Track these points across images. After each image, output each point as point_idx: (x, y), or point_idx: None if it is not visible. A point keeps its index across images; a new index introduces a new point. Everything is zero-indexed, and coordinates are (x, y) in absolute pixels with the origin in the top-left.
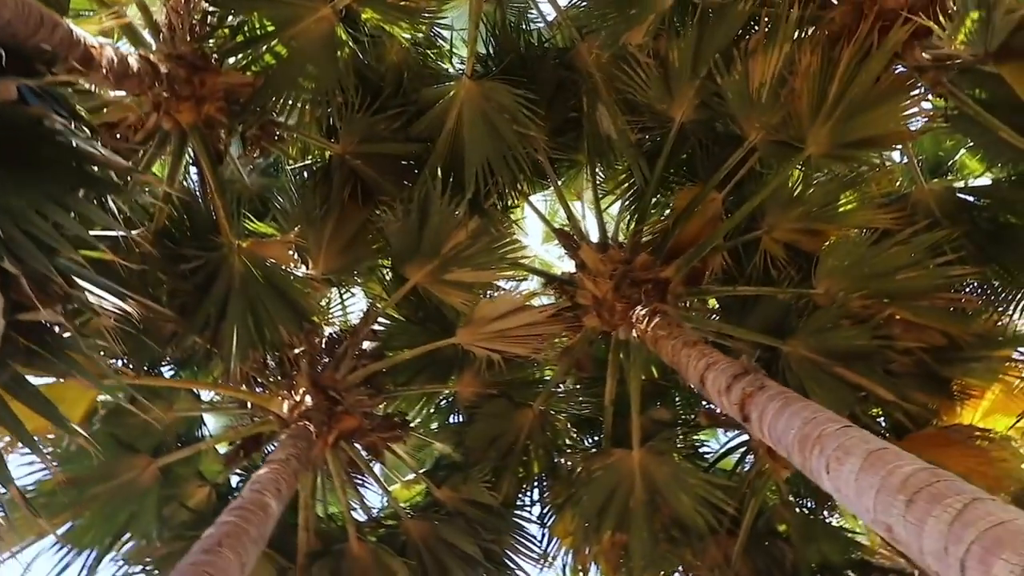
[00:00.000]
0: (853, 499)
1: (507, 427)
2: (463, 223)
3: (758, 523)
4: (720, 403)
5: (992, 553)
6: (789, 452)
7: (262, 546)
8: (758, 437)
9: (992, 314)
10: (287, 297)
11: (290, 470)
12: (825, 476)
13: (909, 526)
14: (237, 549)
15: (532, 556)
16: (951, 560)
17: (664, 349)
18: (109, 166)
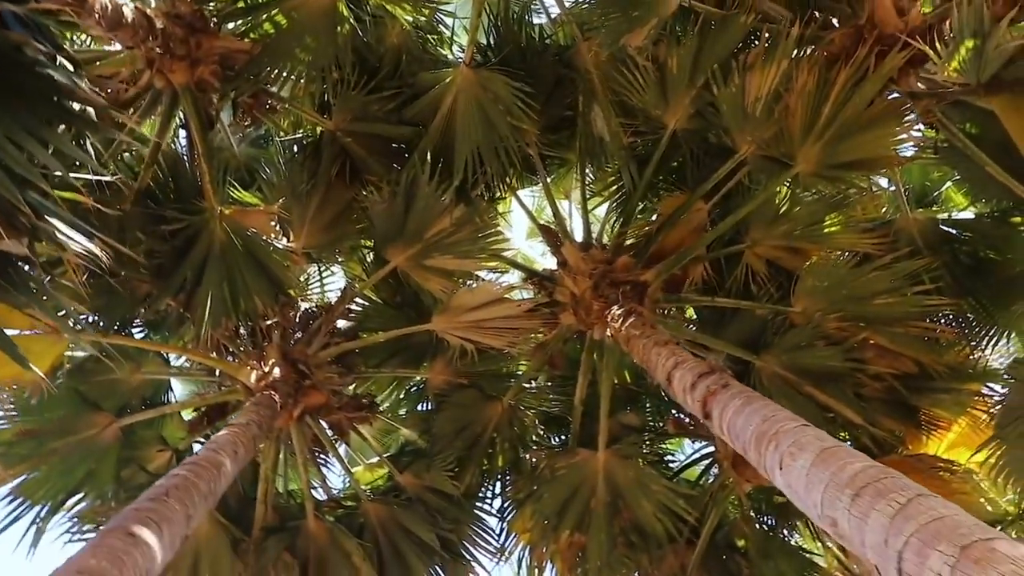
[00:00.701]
0: (803, 495)
1: (475, 418)
2: (448, 210)
3: (717, 536)
4: (685, 401)
5: (929, 545)
6: (746, 449)
7: (212, 503)
8: (718, 434)
9: (965, 347)
10: (265, 268)
11: (249, 435)
12: (778, 472)
13: (853, 520)
14: (184, 500)
15: (489, 549)
16: (890, 552)
17: (635, 348)
18: (89, 103)
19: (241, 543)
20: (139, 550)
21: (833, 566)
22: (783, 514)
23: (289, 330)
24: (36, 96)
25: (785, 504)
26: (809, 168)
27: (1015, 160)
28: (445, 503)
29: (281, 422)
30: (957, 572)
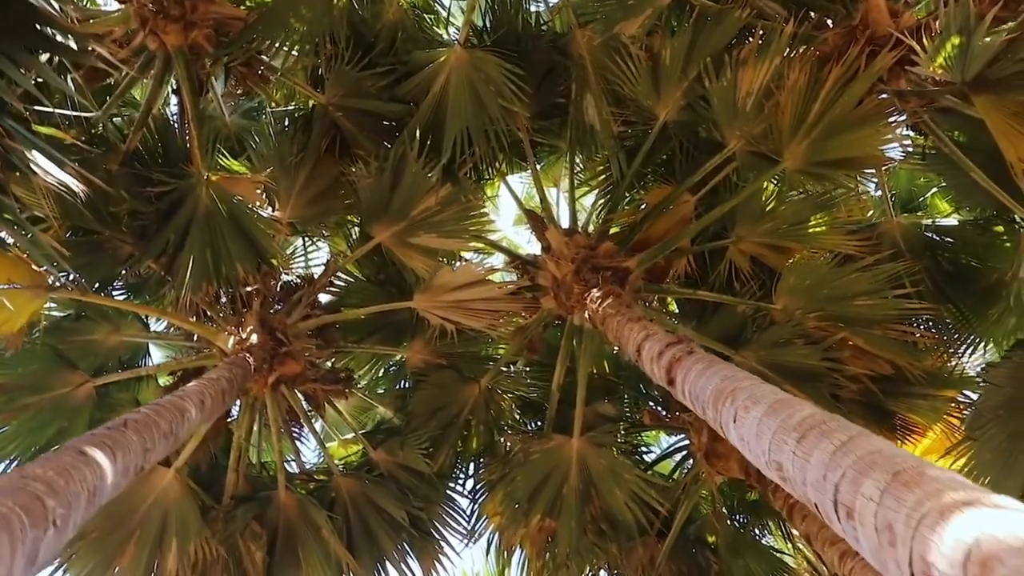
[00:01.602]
0: (753, 444)
1: (452, 399)
2: (435, 188)
3: (688, 530)
4: (652, 371)
5: (863, 474)
6: (704, 409)
7: (172, 444)
8: (681, 399)
9: (942, 354)
10: (249, 235)
11: (218, 389)
12: (732, 427)
13: (797, 460)
14: (143, 433)
15: (459, 530)
16: (828, 486)
17: (610, 327)
18: (70, 32)
19: (211, 510)
20: (89, 468)
21: (803, 567)
22: (755, 512)
23: (269, 299)
24: (15, 22)
25: (757, 503)
26: (796, 165)
27: (1001, 169)
28: (417, 481)
29: (256, 388)
30: (887, 494)
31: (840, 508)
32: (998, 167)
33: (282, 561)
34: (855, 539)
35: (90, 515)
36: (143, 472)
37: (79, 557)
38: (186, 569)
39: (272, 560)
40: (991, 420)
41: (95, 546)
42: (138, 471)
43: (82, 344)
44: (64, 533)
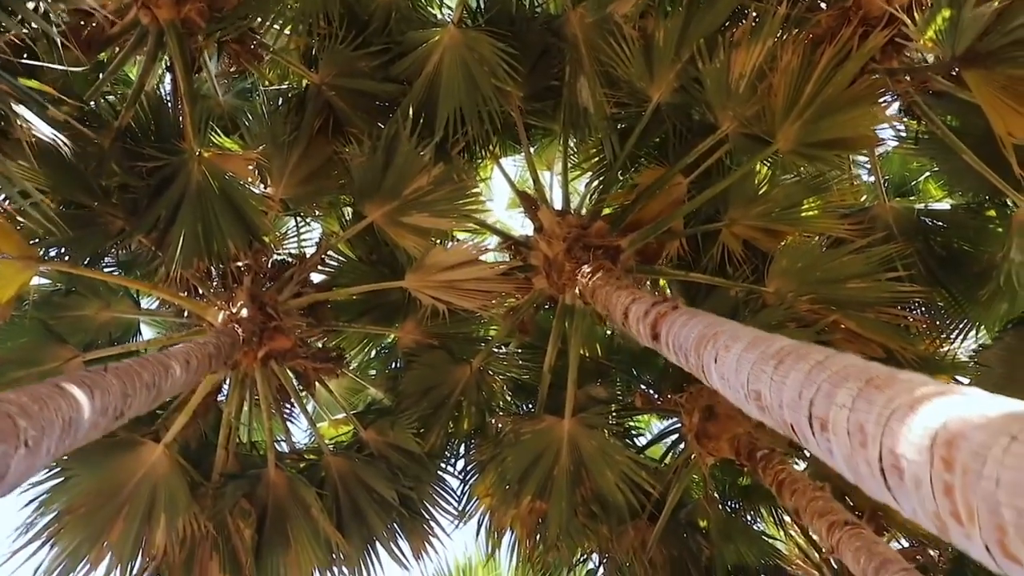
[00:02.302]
0: (733, 379)
1: (443, 379)
2: (427, 168)
3: (679, 515)
4: (638, 332)
5: (837, 386)
6: (687, 356)
7: (154, 398)
8: (665, 354)
9: (935, 339)
10: (240, 212)
11: (204, 352)
12: (713, 368)
13: (774, 385)
14: (123, 379)
15: (449, 510)
16: (803, 403)
17: (599, 297)
18: None
19: (200, 487)
20: (65, 400)
21: (794, 554)
22: (746, 497)
23: (260, 275)
24: None
25: (748, 487)
26: (788, 146)
27: (993, 153)
28: (407, 461)
29: (246, 363)
30: (859, 399)
31: (815, 423)
32: (990, 151)
33: (271, 539)
34: (829, 452)
35: (66, 448)
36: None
37: (67, 531)
38: (174, 544)
39: (261, 538)
40: None
41: (84, 521)
42: (117, 415)
43: (72, 320)
44: (36, 456)
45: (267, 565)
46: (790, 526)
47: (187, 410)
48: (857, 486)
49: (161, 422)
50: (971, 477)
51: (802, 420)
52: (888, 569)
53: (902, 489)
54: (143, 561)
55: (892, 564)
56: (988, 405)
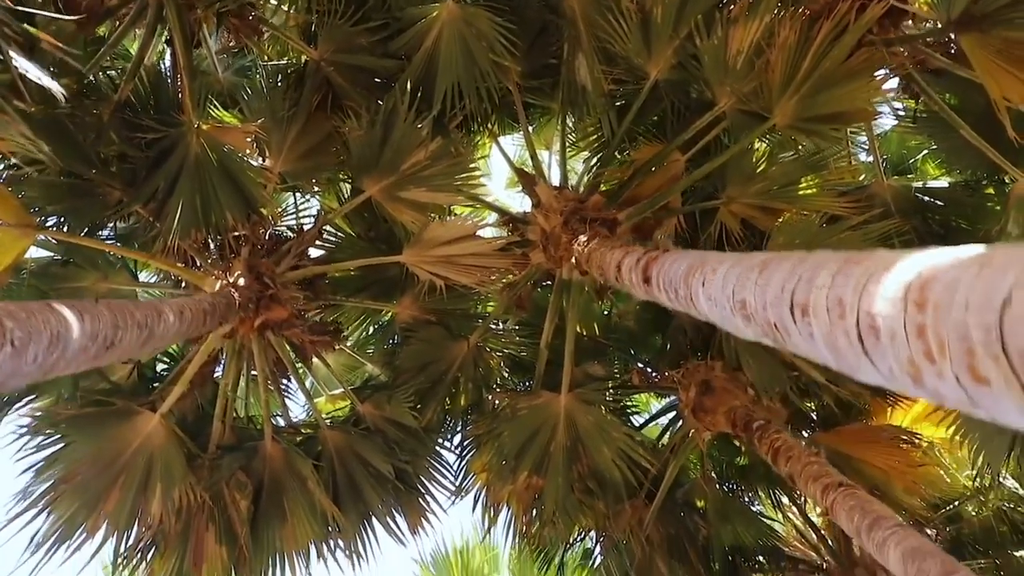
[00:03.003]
0: (720, 295)
1: (440, 355)
2: (425, 142)
3: (676, 494)
4: (630, 281)
5: (817, 272)
6: (677, 291)
7: (146, 339)
8: (657, 298)
9: None
10: (239, 184)
11: (199, 307)
12: (701, 293)
13: (758, 289)
14: (114, 312)
15: (445, 484)
16: (785, 296)
17: (594, 261)
18: None
19: (196, 459)
20: (54, 316)
21: (792, 535)
22: (744, 478)
23: (258, 247)
24: None
25: (746, 467)
26: (786, 121)
27: (991, 129)
28: (403, 435)
29: (243, 331)
30: (838, 276)
31: (796, 311)
32: (988, 128)
33: (267, 512)
34: (810, 336)
35: (54, 362)
36: (113, 349)
37: (63, 500)
38: (170, 514)
39: (257, 510)
40: None
41: (79, 490)
42: (107, 344)
43: (70, 291)
44: (21, 358)
45: (263, 537)
46: (788, 508)
47: (183, 380)
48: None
49: (158, 393)
50: (942, 311)
51: (784, 313)
52: (881, 526)
53: (878, 349)
54: (139, 531)
55: (885, 520)
56: (960, 251)
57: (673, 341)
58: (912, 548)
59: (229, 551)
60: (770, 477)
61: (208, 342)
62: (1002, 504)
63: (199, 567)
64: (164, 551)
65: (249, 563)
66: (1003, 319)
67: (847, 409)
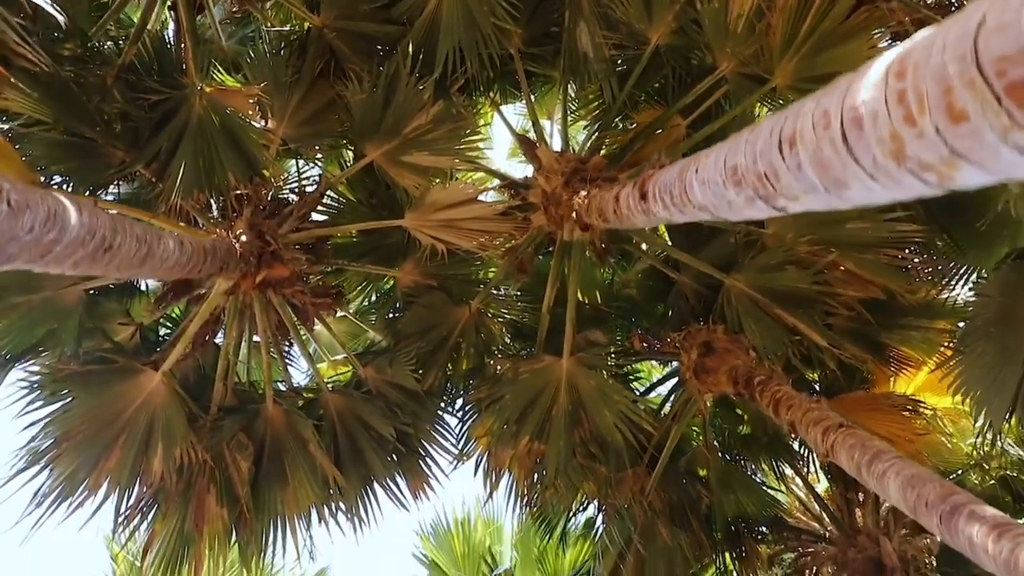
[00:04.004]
0: (712, 173)
1: (442, 320)
2: (427, 105)
3: (679, 463)
4: (629, 206)
5: (802, 105)
6: (671, 193)
7: (144, 256)
8: (656, 213)
9: (936, 285)
10: (241, 146)
11: (199, 244)
12: (694, 179)
13: (747, 146)
14: (112, 217)
15: (447, 448)
16: (773, 139)
17: (593, 207)
18: None
19: (198, 419)
20: (52, 198)
21: (795, 507)
22: (747, 447)
23: (260, 207)
24: None
25: (749, 436)
26: (786, 82)
27: None
28: (405, 398)
29: (245, 287)
30: (823, 96)
31: (784, 146)
32: None
33: (268, 474)
34: (797, 168)
35: (51, 243)
36: (111, 251)
37: (65, 457)
38: (171, 473)
39: (259, 473)
40: (982, 336)
41: (81, 447)
42: (105, 246)
43: None
44: (17, 221)
45: (264, 499)
46: (791, 479)
47: (185, 338)
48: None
49: (160, 354)
50: (920, 67)
51: (773, 155)
52: (881, 459)
53: (862, 140)
54: (140, 489)
55: (885, 454)
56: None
57: (675, 308)
58: (911, 475)
59: (230, 512)
60: (772, 447)
61: (210, 300)
62: (1006, 472)
63: (200, 528)
64: (165, 511)
65: (250, 525)
66: (977, 39)
67: (850, 377)
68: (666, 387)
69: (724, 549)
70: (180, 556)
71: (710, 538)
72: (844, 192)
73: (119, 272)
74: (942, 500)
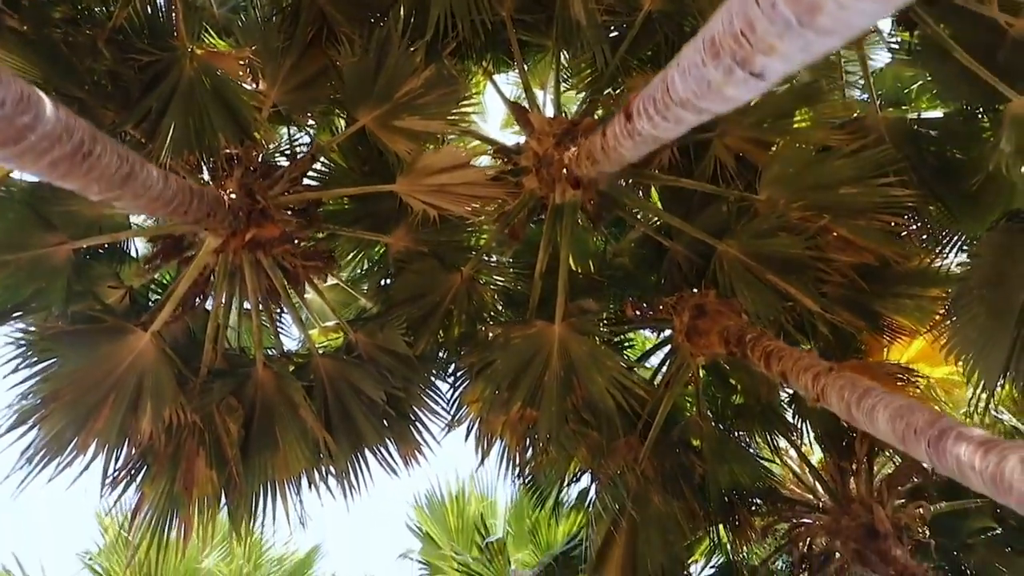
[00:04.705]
0: (692, 58)
1: (433, 287)
2: (419, 69)
3: (672, 433)
4: (616, 136)
5: None
6: (654, 102)
7: (126, 175)
8: (640, 128)
9: (929, 251)
10: (232, 108)
11: (187, 185)
12: (676, 74)
13: (724, 12)
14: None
15: (438, 412)
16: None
17: (583, 155)
18: None
19: (187, 381)
20: (24, 83)
21: (788, 479)
22: (740, 417)
23: (250, 169)
24: None
25: (742, 407)
26: None
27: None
28: (396, 362)
29: (235, 245)
30: None
31: None
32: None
33: (258, 438)
34: (772, 7)
35: (26, 127)
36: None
37: (53, 417)
38: (160, 434)
39: (249, 436)
40: (974, 298)
41: (69, 407)
42: (84, 152)
43: (62, 213)
44: None
45: (254, 463)
46: (785, 452)
47: (174, 298)
48: None
49: (148, 315)
50: None
51: (748, 5)
52: (870, 395)
53: None
54: (129, 451)
55: (874, 390)
56: None
57: (668, 276)
58: (900, 406)
59: (220, 475)
60: (766, 417)
61: (198, 259)
62: None
63: (190, 491)
64: (155, 474)
65: (240, 488)
66: None
67: (844, 346)
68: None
69: (717, 519)
70: (168, 519)
71: (703, 508)
72: (817, 20)
73: (100, 188)
74: (930, 425)
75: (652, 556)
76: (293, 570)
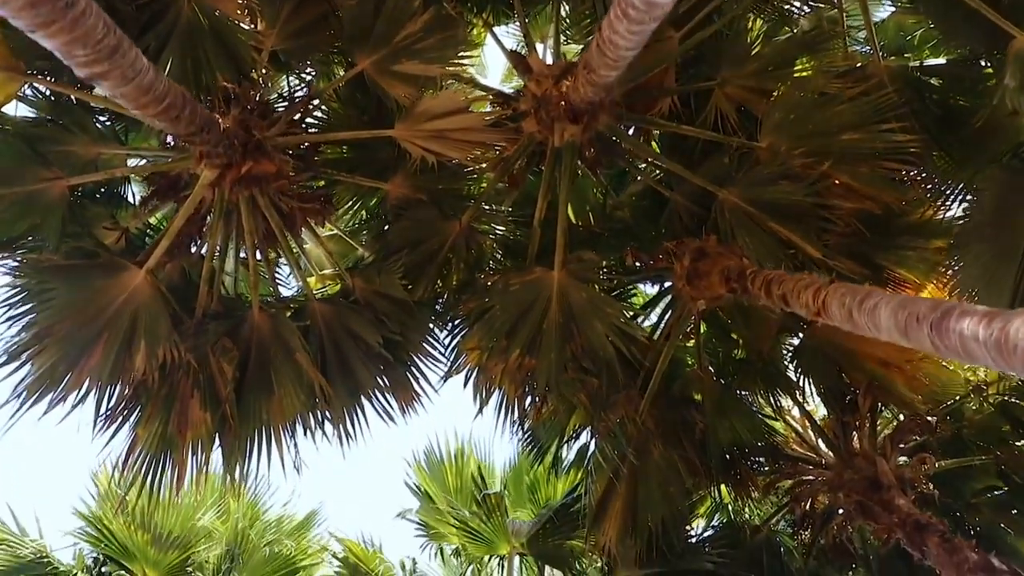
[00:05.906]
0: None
1: (431, 235)
2: (418, 12)
3: (673, 387)
4: (611, 23)
5: None
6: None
7: (115, 46)
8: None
9: (931, 204)
10: (230, 48)
11: (179, 90)
12: None
13: None
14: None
15: (436, 358)
16: None
17: (580, 78)
18: None
19: (182, 321)
20: None
21: (791, 437)
22: (742, 372)
23: (248, 108)
24: None
25: (743, 362)
26: None
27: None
28: (393, 307)
29: (230, 178)
30: None
31: None
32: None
33: (253, 381)
34: None
35: None
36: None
37: (44, 354)
38: (153, 372)
39: (243, 380)
40: (977, 237)
41: (62, 344)
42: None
43: (59, 153)
44: None
45: (249, 407)
46: (787, 411)
47: (170, 233)
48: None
49: (143, 254)
50: None
51: None
52: (872, 296)
53: None
54: (122, 390)
55: (875, 293)
56: None
57: (668, 227)
58: (901, 300)
59: (214, 418)
60: (767, 374)
61: (194, 193)
62: (1004, 397)
63: (184, 433)
64: (148, 415)
65: (235, 431)
66: None
67: None
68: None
69: (719, 477)
70: (162, 461)
71: (704, 464)
72: None
73: (85, 55)
74: (932, 310)
75: (652, 509)
76: (291, 531)
